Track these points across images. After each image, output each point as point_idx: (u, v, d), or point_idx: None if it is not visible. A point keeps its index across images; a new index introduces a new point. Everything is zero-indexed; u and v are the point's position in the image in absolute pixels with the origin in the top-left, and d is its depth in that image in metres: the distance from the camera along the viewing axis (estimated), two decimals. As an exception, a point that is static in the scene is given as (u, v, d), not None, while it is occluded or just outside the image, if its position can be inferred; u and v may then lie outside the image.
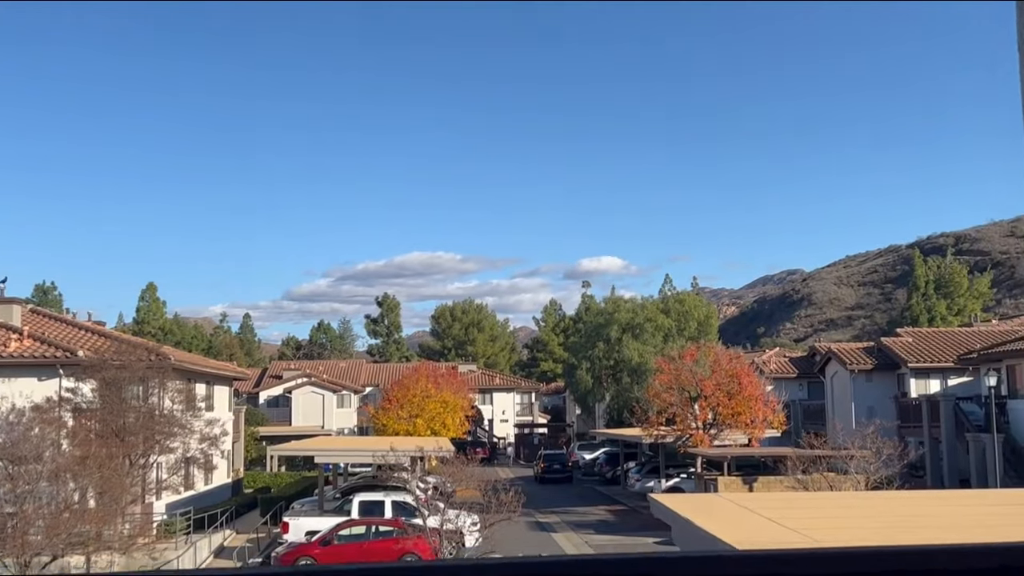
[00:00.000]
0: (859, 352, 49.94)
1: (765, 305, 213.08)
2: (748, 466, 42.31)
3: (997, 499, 15.24)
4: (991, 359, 39.74)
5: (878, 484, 23.17)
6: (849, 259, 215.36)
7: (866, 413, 44.97)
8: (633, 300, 68.51)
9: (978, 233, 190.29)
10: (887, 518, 12.22)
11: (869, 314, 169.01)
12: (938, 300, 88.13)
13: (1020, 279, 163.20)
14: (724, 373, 43.08)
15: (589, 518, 44.12)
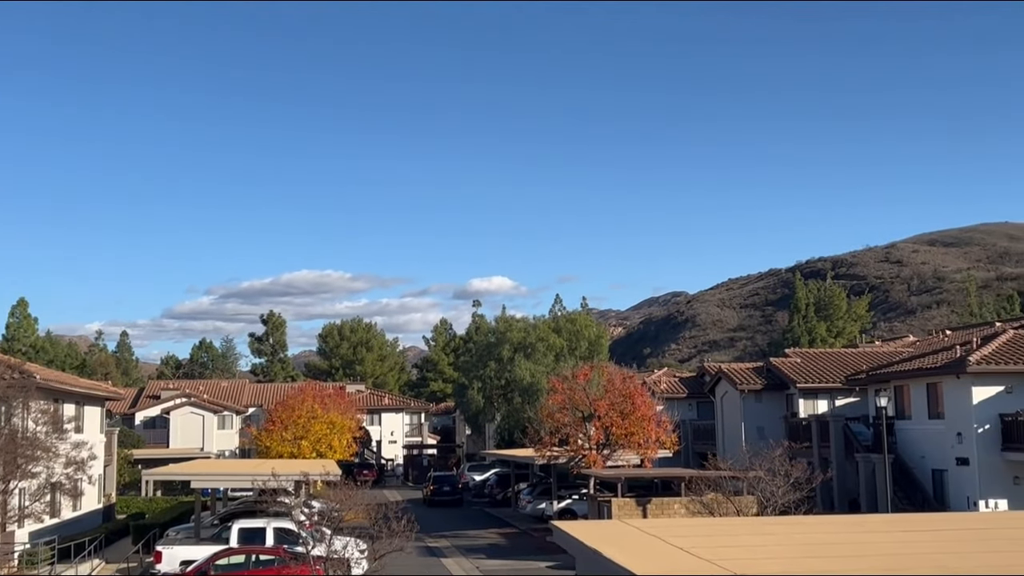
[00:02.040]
0: (749, 372, 50.22)
1: (651, 326, 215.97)
2: (641, 487, 41.91)
3: (908, 524, 14.74)
4: (879, 380, 40.22)
5: (785, 508, 22.79)
6: (731, 282, 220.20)
7: (756, 433, 45.15)
8: (525, 320, 67.93)
9: (854, 258, 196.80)
10: (804, 546, 11.53)
11: (751, 335, 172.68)
12: (818, 322, 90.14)
13: (894, 303, 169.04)
14: (617, 393, 42.64)
15: (480, 542, 43.07)
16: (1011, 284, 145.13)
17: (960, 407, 35.41)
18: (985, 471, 34.34)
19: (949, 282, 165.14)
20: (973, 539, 12.00)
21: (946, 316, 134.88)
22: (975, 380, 34.58)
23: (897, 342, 58.66)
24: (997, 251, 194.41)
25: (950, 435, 35.77)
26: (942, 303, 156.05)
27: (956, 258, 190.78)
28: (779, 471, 23.77)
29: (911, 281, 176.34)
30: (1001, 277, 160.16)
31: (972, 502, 34.00)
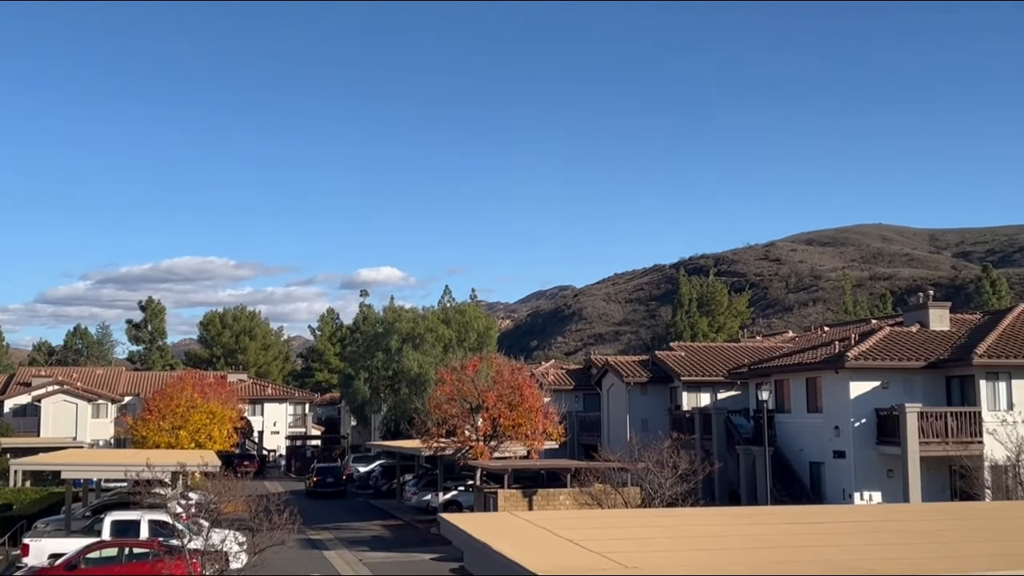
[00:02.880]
0: (635, 365, 50.75)
1: (539, 319, 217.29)
2: (527, 478, 41.95)
3: (791, 517, 14.90)
4: (760, 374, 41.07)
5: (673, 500, 22.96)
6: (618, 277, 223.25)
7: (641, 425, 45.66)
8: (414, 310, 67.37)
9: (735, 256, 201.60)
10: (693, 538, 11.48)
11: (635, 329, 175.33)
12: (700, 317, 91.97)
13: (773, 300, 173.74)
14: (506, 384, 42.54)
15: (363, 534, 42.46)
16: (883, 283, 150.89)
17: (838, 401, 36.40)
18: (860, 464, 35.37)
19: (825, 280, 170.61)
20: (852, 531, 12.16)
21: (822, 313, 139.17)
22: (853, 375, 35.58)
23: (777, 337, 60.13)
24: (871, 251, 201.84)
25: (828, 429, 36.74)
26: (818, 301, 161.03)
27: (832, 257, 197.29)
28: (667, 463, 23.95)
29: (789, 279, 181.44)
30: (874, 276, 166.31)
31: (848, 494, 34.98)
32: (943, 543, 11.29)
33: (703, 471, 27.00)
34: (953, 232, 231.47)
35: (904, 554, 10.41)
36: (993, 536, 11.86)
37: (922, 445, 33.43)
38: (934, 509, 18.73)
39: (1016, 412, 28.36)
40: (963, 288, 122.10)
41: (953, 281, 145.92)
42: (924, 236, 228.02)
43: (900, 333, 38.52)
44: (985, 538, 11.69)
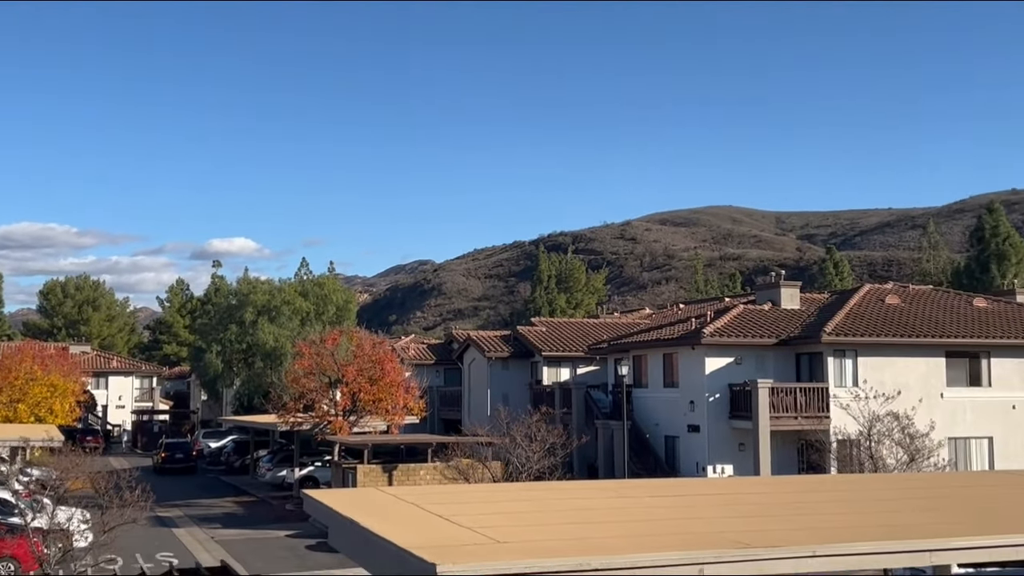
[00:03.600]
0: (497, 340, 50.83)
1: (398, 293, 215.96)
2: (387, 453, 41.55)
3: (657, 489, 15.08)
4: (620, 349, 41.67)
5: (540, 474, 22.94)
6: (477, 252, 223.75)
7: (502, 399, 45.75)
8: (270, 282, 65.66)
9: (593, 234, 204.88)
10: (563, 512, 11.42)
11: (494, 305, 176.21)
12: (559, 294, 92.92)
13: (628, 278, 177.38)
14: (367, 359, 41.92)
15: (215, 511, 41.31)
16: (733, 263, 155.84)
17: (694, 377, 37.26)
18: (714, 438, 36.34)
19: (678, 260, 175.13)
20: (714, 504, 12.36)
21: (674, 291, 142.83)
22: (708, 351, 36.45)
23: (635, 314, 61.19)
24: (721, 232, 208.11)
25: (683, 403, 37.59)
26: (671, 279, 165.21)
27: (685, 237, 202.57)
28: (535, 436, 23.97)
29: (644, 258, 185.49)
30: (724, 257, 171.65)
31: (701, 467, 35.88)
32: (804, 515, 11.55)
33: (571, 445, 27.18)
34: (798, 215, 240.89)
35: (768, 525, 10.58)
36: (849, 508, 12.21)
37: (773, 419, 34.55)
38: (788, 481, 19.28)
39: (868, 388, 29.58)
40: (807, 269, 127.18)
41: (798, 262, 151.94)
42: (771, 219, 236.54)
43: (753, 311, 39.68)
44: (841, 510, 12.03)
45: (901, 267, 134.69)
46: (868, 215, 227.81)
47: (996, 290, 57.63)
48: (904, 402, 29.62)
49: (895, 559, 9.60)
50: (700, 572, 8.55)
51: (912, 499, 13.23)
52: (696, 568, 8.53)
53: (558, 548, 8.65)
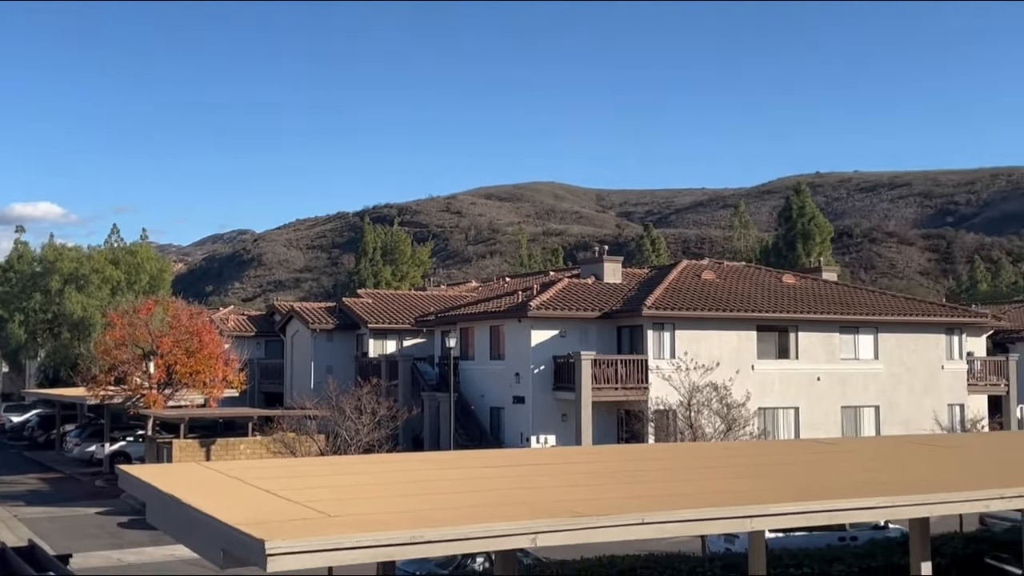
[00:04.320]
0: (321, 311, 49.94)
1: (215, 263, 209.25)
2: (204, 427, 40.29)
3: (488, 460, 15.12)
4: (447, 322, 41.67)
5: (370, 446, 22.64)
6: (299, 223, 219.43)
7: (326, 372, 45.02)
8: (78, 249, 62.27)
9: (419, 207, 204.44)
10: (395, 484, 11.26)
11: (317, 277, 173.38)
12: (384, 266, 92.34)
13: (453, 251, 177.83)
14: (184, 330, 40.37)
15: (18, 488, 39.17)
16: (556, 239, 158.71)
17: (519, 349, 37.67)
18: (538, 409, 36.89)
19: (502, 234, 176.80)
20: (548, 473, 12.45)
21: (499, 265, 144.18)
22: (534, 324, 36.91)
23: (461, 287, 61.34)
24: (545, 208, 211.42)
25: (509, 375, 37.97)
26: (496, 253, 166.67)
27: (509, 212, 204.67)
28: (365, 409, 23.66)
29: (469, 231, 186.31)
30: (548, 232, 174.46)
31: (525, 438, 36.34)
32: (631, 483, 11.76)
33: (402, 417, 27.02)
34: (617, 193, 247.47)
35: (597, 494, 10.71)
36: (672, 476, 12.55)
37: (595, 390, 35.35)
38: (613, 451, 19.69)
39: (689, 359, 30.61)
40: (626, 245, 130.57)
41: (617, 239, 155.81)
42: (592, 196, 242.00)
43: (578, 285, 40.40)
44: (666, 478, 12.35)
45: (714, 244, 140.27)
46: (683, 194, 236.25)
47: (802, 267, 60.81)
48: (721, 374, 30.84)
49: (718, 525, 9.87)
50: (533, 542, 8.56)
51: (730, 467, 13.70)
52: (529, 538, 8.53)
53: (391, 521, 8.47)
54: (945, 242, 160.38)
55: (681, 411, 25.92)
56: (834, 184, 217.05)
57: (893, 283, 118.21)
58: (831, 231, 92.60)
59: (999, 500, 11.27)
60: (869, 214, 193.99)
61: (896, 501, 10.63)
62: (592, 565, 16.30)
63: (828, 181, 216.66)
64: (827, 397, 39.52)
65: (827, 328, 39.95)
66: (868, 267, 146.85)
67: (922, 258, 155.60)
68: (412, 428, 40.09)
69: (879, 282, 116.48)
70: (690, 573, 16.24)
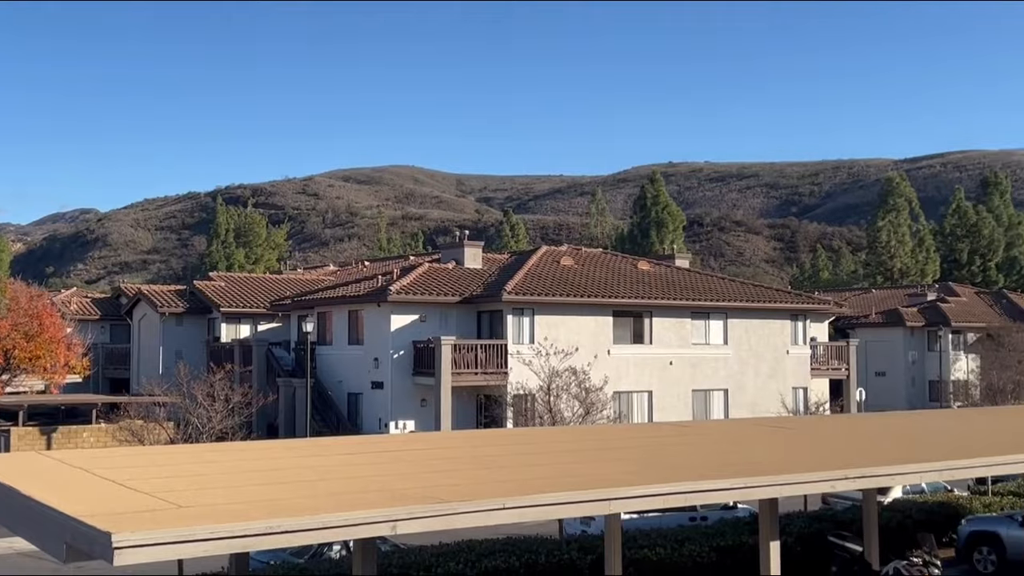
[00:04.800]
0: (171, 295, 48.29)
1: (56, 244, 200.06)
2: (45, 415, 38.52)
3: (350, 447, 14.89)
4: (304, 306, 40.91)
5: (223, 434, 21.97)
6: (147, 203, 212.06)
7: (175, 357, 43.59)
8: (-96, 226, 58.49)
9: (274, 188, 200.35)
10: (250, 473, 11.00)
11: (166, 259, 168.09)
12: (237, 248, 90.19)
13: (310, 234, 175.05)
14: (23, 313, 38.41)
15: None
16: (416, 223, 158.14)
17: (379, 334, 37.30)
18: (397, 394, 36.63)
19: (361, 217, 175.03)
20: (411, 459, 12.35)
21: (357, 249, 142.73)
22: (394, 309, 36.60)
23: (319, 271, 60.34)
24: (404, 192, 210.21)
25: (368, 360, 37.56)
26: (354, 237, 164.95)
27: (368, 195, 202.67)
28: (219, 395, 22.96)
29: (326, 214, 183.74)
30: (407, 216, 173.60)
31: (384, 423, 36.08)
32: (492, 468, 11.76)
33: (257, 404, 26.37)
34: (477, 178, 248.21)
35: (458, 479, 10.67)
36: (533, 460, 12.60)
37: (455, 375, 35.32)
38: (473, 435, 19.69)
39: (549, 344, 30.85)
40: (485, 231, 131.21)
41: (477, 224, 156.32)
42: (452, 180, 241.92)
43: (438, 270, 40.26)
44: (526, 462, 12.39)
45: (571, 231, 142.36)
46: (541, 181, 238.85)
47: (657, 254, 62.26)
48: (579, 358, 31.25)
49: (579, 508, 9.93)
50: (394, 529, 8.45)
51: (589, 450, 13.86)
52: (390, 526, 8.42)
53: (245, 511, 8.23)
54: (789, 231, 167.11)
55: (541, 396, 26.14)
56: (686, 174, 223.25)
57: (741, 271, 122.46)
58: (683, 219, 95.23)
59: (844, 481, 11.75)
60: (719, 203, 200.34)
61: (749, 483, 10.95)
62: (451, 550, 16.25)
63: (680, 171, 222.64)
64: (679, 381, 40.58)
65: (680, 314, 40.99)
66: (718, 255, 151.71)
67: (768, 247, 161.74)
68: (267, 415, 39.24)
69: (727, 269, 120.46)
70: (548, 556, 16.35)
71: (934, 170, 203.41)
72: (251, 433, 25.77)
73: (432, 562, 15.56)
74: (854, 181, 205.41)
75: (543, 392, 25.86)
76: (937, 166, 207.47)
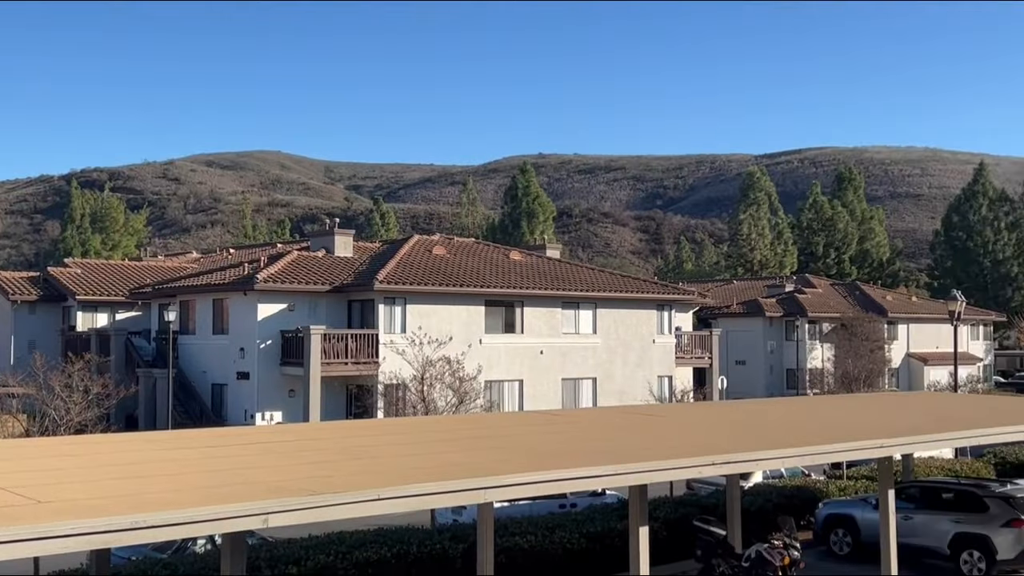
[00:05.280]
0: (23, 282, 46.10)
1: None
2: None
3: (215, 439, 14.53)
4: (166, 294, 39.65)
5: (82, 427, 21.00)
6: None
7: (28, 347, 41.69)
8: None
9: (133, 172, 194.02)
10: (111, 467, 10.71)
11: (16, 244, 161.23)
12: (94, 234, 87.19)
13: (171, 220, 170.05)
14: None
15: None
16: (282, 210, 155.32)
17: (245, 323, 36.43)
18: (264, 385, 35.88)
19: (225, 204, 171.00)
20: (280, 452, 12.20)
21: (220, 236, 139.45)
22: (261, 297, 35.80)
23: (182, 258, 58.58)
24: (270, 178, 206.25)
25: (233, 350, 36.67)
26: (217, 223, 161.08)
27: (232, 181, 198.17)
28: (77, 387, 21.97)
29: (188, 200, 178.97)
30: (273, 203, 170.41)
31: (250, 415, 35.29)
32: (366, 458, 11.69)
33: (117, 395, 25.41)
34: (346, 166, 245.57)
35: (331, 471, 10.58)
36: (408, 450, 12.57)
37: (325, 365, 34.81)
38: (346, 426, 19.48)
39: (423, 334, 30.67)
40: (355, 219, 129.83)
41: (346, 212, 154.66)
42: (320, 167, 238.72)
43: (307, 258, 39.58)
44: (401, 452, 12.35)
45: (442, 220, 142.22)
46: (412, 169, 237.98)
47: (528, 244, 62.75)
48: (452, 348, 31.21)
49: (454, 498, 9.95)
50: (265, 523, 8.30)
51: (463, 439, 13.89)
52: (261, 519, 8.26)
53: (108, 506, 7.98)
54: (655, 223, 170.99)
55: (414, 385, 25.99)
56: (556, 165, 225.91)
57: (608, 261, 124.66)
58: (553, 210, 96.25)
59: (711, 467, 12.08)
60: (587, 195, 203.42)
61: (620, 469, 11.14)
62: (321, 543, 16.02)
63: (550, 162, 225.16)
64: (549, 370, 41.00)
65: (551, 304, 41.40)
66: (586, 246, 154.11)
67: (634, 238, 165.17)
68: (126, 407, 37.89)
69: (595, 260, 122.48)
70: (420, 546, 16.28)
71: (792, 165, 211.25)
72: (110, 425, 24.85)
73: (302, 555, 15.30)
74: (716, 175, 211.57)
75: (417, 382, 25.72)
76: (795, 161, 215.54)
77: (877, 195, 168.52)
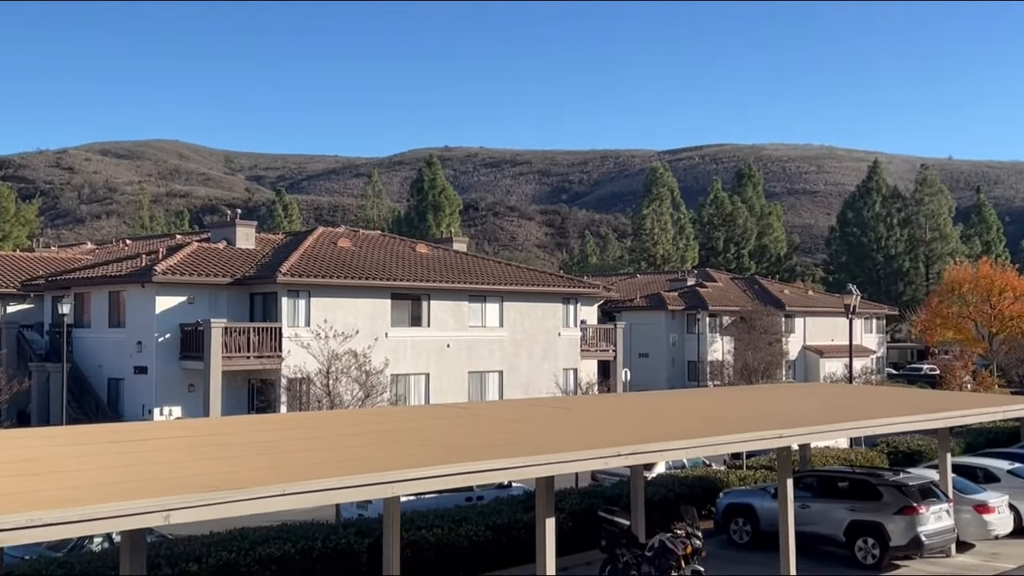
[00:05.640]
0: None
1: None
2: None
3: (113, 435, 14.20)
4: (60, 286, 38.41)
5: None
6: None
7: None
8: None
9: (24, 160, 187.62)
10: (5, 464, 10.44)
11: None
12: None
13: (64, 210, 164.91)
14: None
15: None
16: (181, 200, 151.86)
17: (143, 316, 35.52)
18: (163, 379, 35.03)
19: (120, 193, 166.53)
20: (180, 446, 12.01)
21: (116, 227, 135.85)
22: (160, 290, 34.93)
23: (76, 249, 56.80)
24: (168, 168, 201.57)
25: (130, 344, 35.72)
26: (113, 214, 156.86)
27: (128, 170, 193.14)
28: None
29: (82, 189, 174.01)
30: (171, 193, 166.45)
31: (148, 410, 34.44)
32: (270, 454, 11.54)
33: (9, 391, 24.51)
34: (247, 156, 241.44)
35: (234, 466, 10.43)
36: (313, 445, 12.45)
37: (226, 359, 34.14)
38: (248, 421, 19.20)
39: (328, 327, 30.27)
40: (257, 210, 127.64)
41: (247, 203, 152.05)
42: (220, 157, 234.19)
43: (208, 249, 38.76)
44: (306, 447, 12.24)
45: (346, 213, 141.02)
46: (315, 161, 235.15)
47: (434, 237, 62.56)
48: (359, 341, 30.92)
49: (361, 492, 9.90)
50: (167, 519, 8.15)
51: (369, 434, 13.80)
52: (163, 515, 8.11)
53: (1, 504, 7.71)
54: (560, 218, 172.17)
55: (320, 379, 25.69)
56: (462, 159, 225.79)
57: (514, 255, 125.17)
58: (460, 204, 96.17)
59: (616, 458, 12.24)
60: (493, 189, 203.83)
61: (527, 461, 11.21)
62: (223, 539, 15.72)
63: (457, 155, 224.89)
64: (456, 363, 40.97)
65: (457, 297, 41.36)
66: (492, 239, 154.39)
67: (540, 232, 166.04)
68: (18, 403, 36.66)
69: (501, 254, 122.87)
70: (325, 541, 16.11)
71: (693, 161, 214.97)
72: (1, 422, 23.92)
73: (203, 552, 15.00)
74: (620, 171, 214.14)
75: (322, 376, 25.43)
76: (696, 158, 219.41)
77: (775, 191, 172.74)
